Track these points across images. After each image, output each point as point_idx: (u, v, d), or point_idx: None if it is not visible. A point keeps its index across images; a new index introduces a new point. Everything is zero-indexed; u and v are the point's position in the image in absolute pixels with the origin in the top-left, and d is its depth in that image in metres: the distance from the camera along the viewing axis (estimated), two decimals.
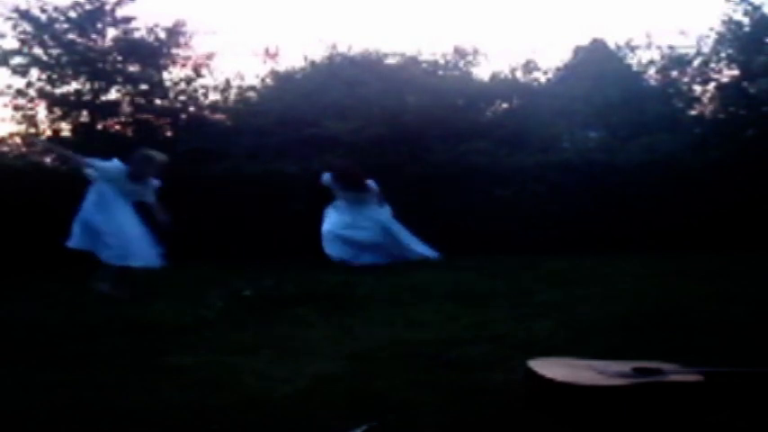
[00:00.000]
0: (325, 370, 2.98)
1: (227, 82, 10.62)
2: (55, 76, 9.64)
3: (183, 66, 10.20)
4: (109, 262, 5.34)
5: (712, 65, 9.60)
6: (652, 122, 9.65)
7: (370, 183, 7.11)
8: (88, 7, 9.55)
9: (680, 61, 9.88)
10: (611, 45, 12.61)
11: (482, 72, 11.25)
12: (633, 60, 11.42)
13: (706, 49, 9.57)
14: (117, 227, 5.39)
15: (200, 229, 7.71)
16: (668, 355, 2.74)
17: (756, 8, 9.04)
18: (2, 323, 4.30)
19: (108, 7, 9.63)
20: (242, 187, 8.30)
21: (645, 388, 2.37)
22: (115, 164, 5.58)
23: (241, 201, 8.21)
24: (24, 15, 9.37)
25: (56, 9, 9.47)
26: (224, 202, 8.32)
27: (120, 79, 9.81)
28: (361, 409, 2.42)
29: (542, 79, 11.27)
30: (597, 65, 12.23)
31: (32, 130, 9.88)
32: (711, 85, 9.79)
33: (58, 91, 9.71)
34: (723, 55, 9.47)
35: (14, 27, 9.43)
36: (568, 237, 8.15)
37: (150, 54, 9.82)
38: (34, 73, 9.57)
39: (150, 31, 9.89)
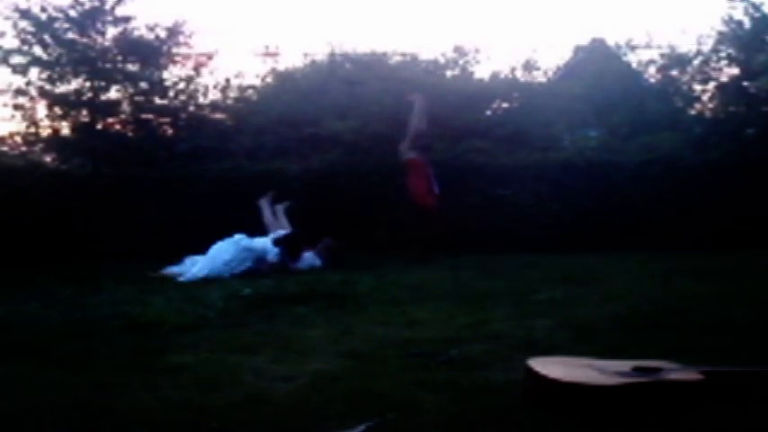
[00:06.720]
0: (325, 369, 2.98)
1: (227, 81, 10.63)
2: (55, 75, 9.64)
3: (184, 65, 10.20)
4: None
5: (712, 64, 9.60)
6: (652, 121, 9.68)
7: None
8: (88, 6, 9.54)
9: (680, 60, 9.88)
10: (611, 45, 12.63)
11: (482, 71, 11.28)
12: (633, 59, 11.44)
13: (706, 48, 9.58)
14: None
15: (200, 229, 7.70)
16: (668, 355, 2.74)
17: (757, 7, 9.04)
18: (2, 323, 4.30)
19: (108, 6, 9.63)
20: (242, 187, 8.30)
21: (645, 387, 2.37)
22: None
23: (241, 200, 8.21)
24: (24, 14, 9.37)
25: (56, 8, 9.48)
26: (223, 201, 8.32)
27: (120, 78, 9.81)
28: (360, 408, 2.42)
29: (542, 78, 11.27)
30: (597, 64, 12.27)
31: (32, 129, 9.89)
32: (711, 84, 9.81)
33: (57, 90, 9.71)
34: (723, 54, 9.47)
35: (14, 26, 9.44)
36: (568, 236, 8.16)
37: (150, 53, 9.82)
38: (34, 72, 9.58)
39: (150, 29, 9.89)
